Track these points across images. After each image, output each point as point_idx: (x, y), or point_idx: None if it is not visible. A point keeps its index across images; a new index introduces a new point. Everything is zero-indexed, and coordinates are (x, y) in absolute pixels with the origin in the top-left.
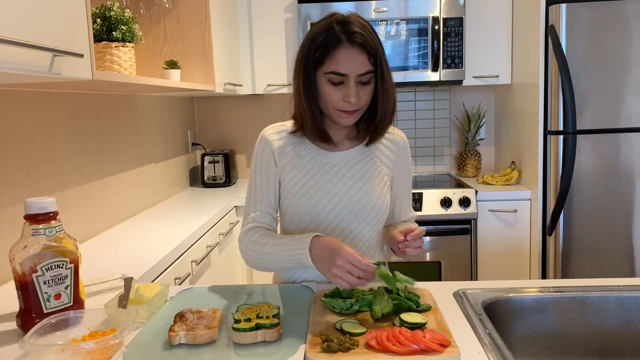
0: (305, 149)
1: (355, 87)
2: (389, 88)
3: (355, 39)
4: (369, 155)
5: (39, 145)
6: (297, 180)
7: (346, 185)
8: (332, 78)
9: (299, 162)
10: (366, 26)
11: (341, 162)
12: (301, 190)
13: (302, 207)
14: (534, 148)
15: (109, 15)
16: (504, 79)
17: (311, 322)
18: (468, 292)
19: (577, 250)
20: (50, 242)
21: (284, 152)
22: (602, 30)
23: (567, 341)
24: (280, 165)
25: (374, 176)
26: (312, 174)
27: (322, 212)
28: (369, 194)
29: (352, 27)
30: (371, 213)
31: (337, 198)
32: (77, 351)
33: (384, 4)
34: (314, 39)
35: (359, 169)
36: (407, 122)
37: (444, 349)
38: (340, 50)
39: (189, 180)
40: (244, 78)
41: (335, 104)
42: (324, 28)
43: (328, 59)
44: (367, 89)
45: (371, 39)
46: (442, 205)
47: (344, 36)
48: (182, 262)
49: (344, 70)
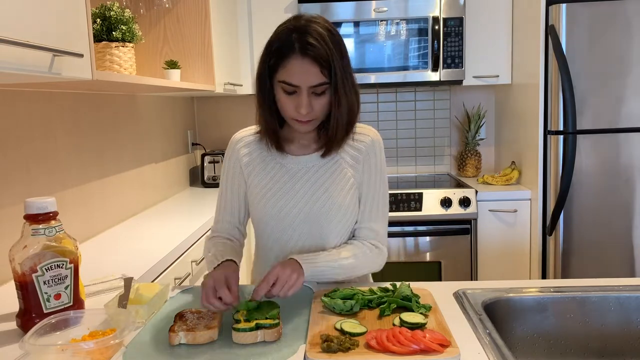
0: (270, 154)
1: (307, 98)
2: (344, 100)
3: (308, 51)
4: (333, 158)
5: (39, 145)
6: (262, 186)
7: (310, 190)
8: (284, 87)
9: (264, 167)
10: (324, 36)
11: (305, 166)
12: (265, 196)
13: (267, 213)
14: (534, 148)
15: (109, 15)
16: (504, 79)
17: (311, 322)
18: (468, 292)
19: (577, 250)
20: (50, 242)
21: (250, 158)
22: (602, 30)
23: (567, 341)
24: (246, 173)
25: (339, 179)
26: (276, 179)
27: (287, 218)
28: (333, 198)
29: (308, 37)
30: (336, 217)
31: (302, 203)
32: (77, 351)
33: (384, 4)
34: (271, 44)
35: (323, 172)
36: (407, 122)
37: (444, 349)
38: (292, 61)
39: (189, 180)
40: (244, 78)
41: (290, 113)
42: (281, 34)
43: (281, 67)
44: (321, 99)
45: (325, 50)
46: (442, 205)
47: (297, 46)
48: (182, 262)
49: (295, 81)
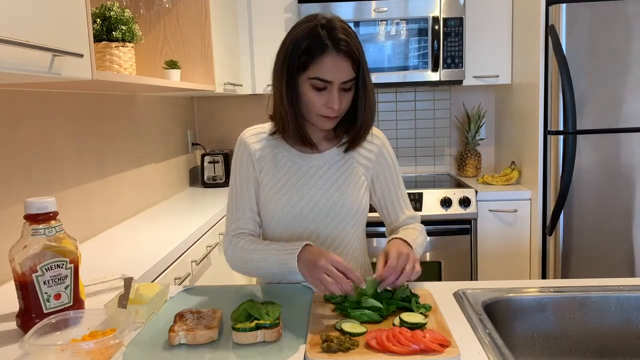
0: (283, 152)
1: (337, 94)
2: (370, 95)
3: (341, 46)
4: (345, 156)
5: (38, 145)
6: (274, 184)
7: (322, 188)
8: (315, 84)
9: (276, 165)
10: (350, 32)
11: (318, 164)
12: (277, 194)
13: (279, 211)
14: (534, 148)
15: (109, 15)
16: (504, 79)
17: (311, 322)
18: (468, 292)
19: (577, 250)
20: (50, 242)
21: (262, 156)
22: (602, 30)
23: (567, 341)
24: (258, 169)
25: (351, 177)
26: (288, 177)
27: (299, 216)
28: (345, 195)
29: (338, 34)
30: (348, 215)
31: (314, 201)
32: (77, 351)
33: (384, 4)
34: (297, 42)
35: (335, 171)
36: (407, 122)
37: (444, 349)
38: (326, 57)
39: (189, 180)
40: (244, 78)
41: (318, 110)
42: (308, 32)
43: (312, 64)
44: (348, 95)
45: (355, 46)
46: (442, 205)
47: (330, 42)
48: (182, 262)
49: (329, 77)
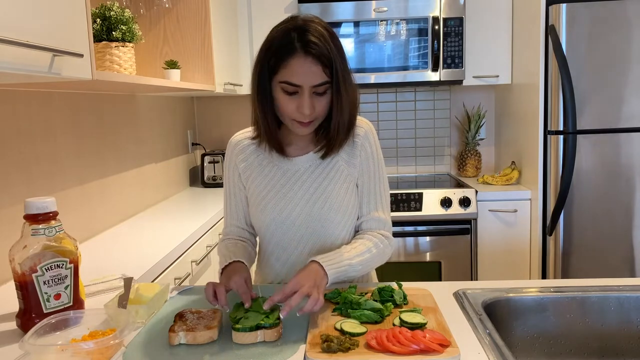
0: (267, 156)
1: (309, 98)
2: (345, 101)
3: (310, 49)
4: (330, 156)
5: (38, 145)
6: (260, 189)
7: (308, 192)
8: (285, 87)
9: (261, 170)
10: (324, 35)
11: (302, 167)
12: (264, 199)
13: (267, 216)
14: (534, 148)
15: (109, 15)
16: (504, 79)
17: (311, 322)
18: (468, 292)
19: (577, 250)
20: (50, 242)
21: (247, 165)
22: (602, 30)
23: (567, 341)
24: (244, 177)
25: (336, 177)
26: (273, 182)
27: (287, 220)
28: (332, 197)
29: (309, 36)
30: (336, 216)
31: (301, 205)
32: (77, 351)
33: (384, 4)
34: (270, 45)
35: (319, 173)
36: (407, 122)
37: (444, 349)
38: (294, 60)
39: (189, 180)
40: (244, 78)
41: (290, 114)
42: (280, 34)
43: (282, 67)
44: (323, 99)
45: (327, 49)
46: (442, 205)
47: (299, 45)
48: (182, 262)
49: (298, 81)
